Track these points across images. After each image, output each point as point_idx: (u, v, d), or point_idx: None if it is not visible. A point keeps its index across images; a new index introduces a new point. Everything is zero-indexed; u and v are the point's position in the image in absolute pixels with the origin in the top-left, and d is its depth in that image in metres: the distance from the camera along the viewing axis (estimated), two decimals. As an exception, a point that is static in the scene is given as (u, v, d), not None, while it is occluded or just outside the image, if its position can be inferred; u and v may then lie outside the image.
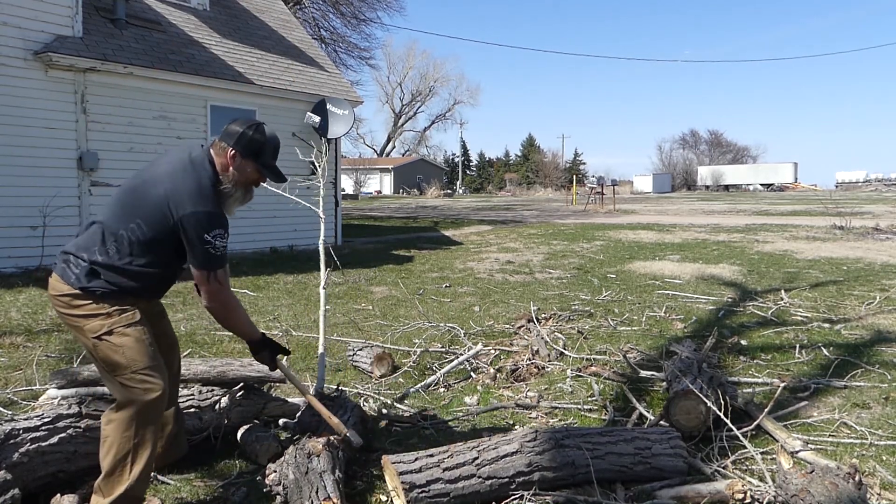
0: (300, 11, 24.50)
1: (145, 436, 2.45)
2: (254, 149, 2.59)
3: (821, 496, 2.34)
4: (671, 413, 3.23)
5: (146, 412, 2.45)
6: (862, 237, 13.52)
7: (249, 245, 11.50)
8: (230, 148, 2.56)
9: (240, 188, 2.62)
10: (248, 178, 2.63)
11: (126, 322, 2.47)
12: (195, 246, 2.45)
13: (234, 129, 2.59)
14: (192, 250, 2.47)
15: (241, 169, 2.59)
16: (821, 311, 6.36)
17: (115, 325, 2.45)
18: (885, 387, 4.07)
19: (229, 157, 2.56)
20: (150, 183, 2.49)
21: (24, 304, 6.64)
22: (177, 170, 2.50)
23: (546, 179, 65.66)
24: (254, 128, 2.59)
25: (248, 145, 2.57)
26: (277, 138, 2.70)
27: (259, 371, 3.31)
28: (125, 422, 2.43)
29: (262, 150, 2.61)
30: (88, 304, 2.44)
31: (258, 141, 2.59)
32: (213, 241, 2.46)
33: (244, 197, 2.66)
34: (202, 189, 2.48)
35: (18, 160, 8.71)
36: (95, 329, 2.44)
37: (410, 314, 6.36)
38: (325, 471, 2.52)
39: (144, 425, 2.45)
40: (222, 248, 2.50)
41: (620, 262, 10.33)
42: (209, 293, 2.54)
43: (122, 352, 2.44)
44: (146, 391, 2.44)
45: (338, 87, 13.20)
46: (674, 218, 21.43)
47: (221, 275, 2.55)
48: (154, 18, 11.05)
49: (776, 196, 45.84)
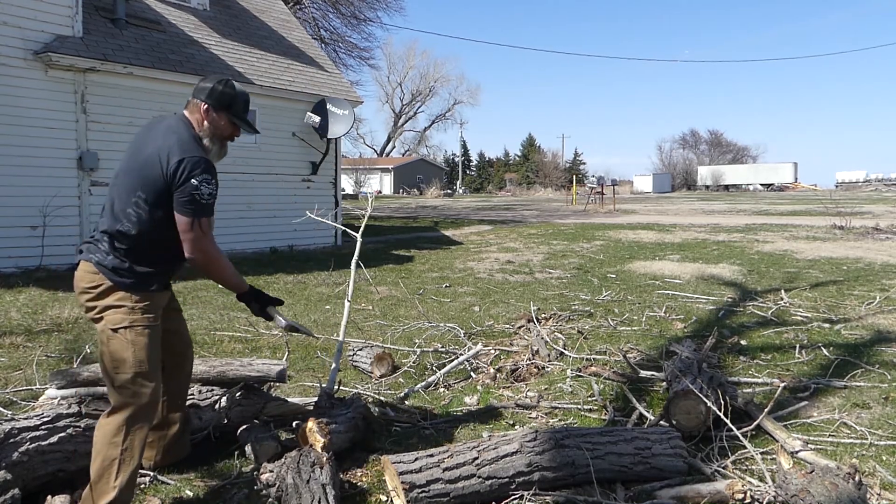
0: (300, 11, 24.50)
1: (133, 442, 2.46)
2: (225, 101, 2.67)
3: (821, 496, 2.34)
4: (671, 413, 3.23)
5: (136, 418, 2.48)
6: (862, 237, 13.52)
7: (249, 245, 11.50)
8: (202, 102, 2.65)
9: (216, 141, 2.71)
10: (223, 132, 2.73)
11: (146, 322, 2.52)
12: (182, 190, 2.47)
13: (204, 85, 2.68)
14: (179, 196, 2.48)
15: (214, 122, 2.68)
16: (821, 311, 6.35)
17: (135, 323, 2.50)
18: (885, 387, 4.07)
19: (203, 110, 2.66)
20: (140, 152, 2.58)
21: (24, 304, 6.64)
22: (160, 133, 2.59)
23: (546, 179, 65.65)
24: (223, 82, 2.69)
25: (219, 98, 2.66)
26: (247, 93, 2.80)
27: (259, 371, 3.31)
28: (115, 427, 2.45)
29: (232, 102, 2.69)
30: (116, 294, 2.50)
31: (228, 94, 2.68)
32: (200, 186, 2.49)
33: (220, 151, 2.75)
34: (188, 140, 2.57)
35: (18, 160, 8.71)
36: (116, 321, 2.48)
37: (410, 314, 6.35)
38: (326, 483, 2.51)
39: (134, 432, 2.47)
40: (209, 195, 2.52)
41: (620, 261, 10.33)
42: (192, 241, 2.53)
43: (132, 350, 2.47)
44: (139, 395, 2.48)
45: (338, 87, 13.20)
46: (674, 218, 21.43)
47: (206, 224, 2.55)
48: (154, 18, 11.05)
49: (776, 196, 45.84)
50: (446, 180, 67.86)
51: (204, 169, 2.50)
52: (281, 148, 12.09)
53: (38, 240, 8.77)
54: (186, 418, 2.97)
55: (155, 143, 2.54)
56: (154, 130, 2.64)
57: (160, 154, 2.49)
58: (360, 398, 3.51)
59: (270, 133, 11.90)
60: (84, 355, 4.55)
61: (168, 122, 2.67)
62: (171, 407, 2.90)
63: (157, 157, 2.49)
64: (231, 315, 6.30)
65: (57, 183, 9.03)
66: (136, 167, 2.55)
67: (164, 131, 2.59)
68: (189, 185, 2.47)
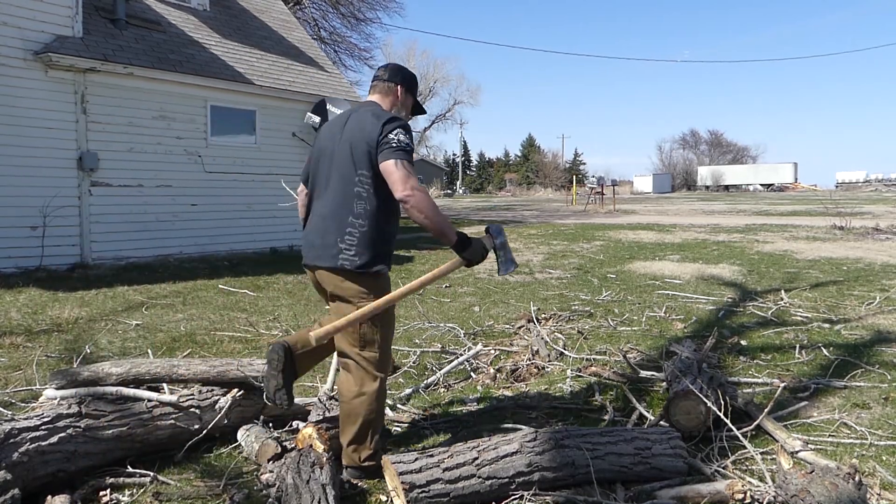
0: (300, 11, 24.49)
1: (381, 407, 2.86)
2: (413, 84, 3.04)
3: (821, 496, 2.34)
4: (671, 413, 3.23)
5: (384, 387, 2.87)
6: (862, 237, 13.52)
7: (249, 245, 11.51)
8: (397, 85, 2.96)
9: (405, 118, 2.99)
10: (407, 111, 3.04)
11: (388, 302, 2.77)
12: (385, 142, 2.69)
13: (395, 68, 3.00)
14: (382, 148, 2.69)
15: (404, 101, 3.00)
16: (821, 311, 6.35)
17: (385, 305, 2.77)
18: (885, 387, 4.07)
19: (398, 92, 2.96)
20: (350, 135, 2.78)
21: (24, 304, 6.64)
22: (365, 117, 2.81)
23: (546, 179, 65.67)
24: (407, 69, 3.06)
25: (410, 81, 3.02)
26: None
27: (259, 371, 3.30)
28: (372, 396, 2.78)
29: (416, 84, 3.06)
30: (370, 282, 2.77)
31: (414, 78, 3.07)
32: (397, 136, 2.70)
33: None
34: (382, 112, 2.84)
35: (18, 160, 8.71)
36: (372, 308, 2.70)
37: (410, 314, 6.35)
38: (326, 483, 2.51)
39: (382, 399, 2.87)
40: (406, 143, 2.72)
41: (620, 262, 10.33)
42: (400, 180, 2.64)
43: (380, 331, 2.80)
44: (386, 368, 2.88)
45: (338, 87, 13.20)
46: (674, 218, 21.44)
47: (409, 166, 2.70)
48: (154, 18, 11.05)
49: (776, 196, 45.84)
50: (446, 180, 67.86)
51: (399, 125, 2.75)
52: (281, 148, 12.10)
53: (38, 240, 8.78)
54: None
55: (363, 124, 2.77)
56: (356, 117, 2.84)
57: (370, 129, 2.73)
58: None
59: (270, 133, 11.90)
60: (84, 355, 4.55)
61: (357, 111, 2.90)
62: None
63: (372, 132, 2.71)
64: (231, 315, 6.30)
65: (57, 183, 9.03)
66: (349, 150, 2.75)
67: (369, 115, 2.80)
68: (388, 137, 2.69)
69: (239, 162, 11.42)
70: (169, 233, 10.41)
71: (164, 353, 4.88)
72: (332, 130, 2.90)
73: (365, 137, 2.72)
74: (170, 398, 3.11)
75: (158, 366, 3.20)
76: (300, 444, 2.87)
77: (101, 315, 6.22)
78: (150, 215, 10.17)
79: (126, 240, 9.86)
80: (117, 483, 2.80)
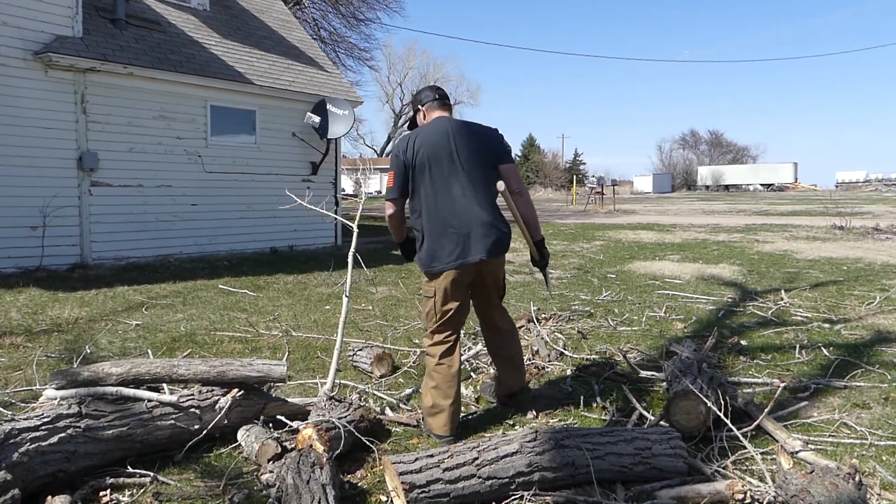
0: (300, 11, 24.49)
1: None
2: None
3: (821, 496, 2.34)
4: (671, 413, 3.23)
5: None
6: (862, 237, 13.52)
7: (249, 245, 11.51)
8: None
9: None
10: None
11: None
12: (503, 149, 3.48)
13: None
14: (501, 153, 3.46)
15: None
16: (821, 311, 6.35)
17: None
18: (885, 387, 4.07)
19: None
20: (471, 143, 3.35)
21: (24, 304, 6.64)
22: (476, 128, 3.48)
23: (546, 179, 65.67)
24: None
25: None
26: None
27: (259, 371, 3.30)
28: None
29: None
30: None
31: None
32: (508, 145, 3.55)
33: None
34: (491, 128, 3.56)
35: (18, 160, 8.72)
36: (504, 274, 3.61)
37: (410, 314, 6.35)
38: (326, 484, 2.51)
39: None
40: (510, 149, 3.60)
41: (620, 262, 10.33)
42: (518, 178, 3.46)
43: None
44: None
45: (338, 87, 13.20)
46: (674, 218, 21.43)
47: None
48: (154, 18, 11.05)
49: (776, 196, 45.84)
50: (446, 180, 67.69)
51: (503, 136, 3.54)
52: (281, 148, 12.10)
53: (38, 240, 8.78)
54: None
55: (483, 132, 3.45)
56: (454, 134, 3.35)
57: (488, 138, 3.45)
58: (360, 399, 3.51)
59: (270, 133, 11.90)
60: (84, 355, 4.55)
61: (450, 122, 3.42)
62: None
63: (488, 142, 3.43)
64: (231, 315, 6.30)
65: (57, 183, 9.04)
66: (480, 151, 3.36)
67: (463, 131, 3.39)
68: (503, 145, 3.48)
69: (239, 162, 11.42)
70: (169, 233, 10.41)
71: (164, 353, 4.88)
72: (433, 142, 3.33)
73: (490, 144, 3.42)
74: (170, 398, 3.11)
75: (158, 366, 3.19)
76: (300, 444, 2.87)
77: (101, 315, 6.22)
78: (150, 215, 10.17)
79: (126, 240, 9.87)
80: (117, 483, 2.80)
